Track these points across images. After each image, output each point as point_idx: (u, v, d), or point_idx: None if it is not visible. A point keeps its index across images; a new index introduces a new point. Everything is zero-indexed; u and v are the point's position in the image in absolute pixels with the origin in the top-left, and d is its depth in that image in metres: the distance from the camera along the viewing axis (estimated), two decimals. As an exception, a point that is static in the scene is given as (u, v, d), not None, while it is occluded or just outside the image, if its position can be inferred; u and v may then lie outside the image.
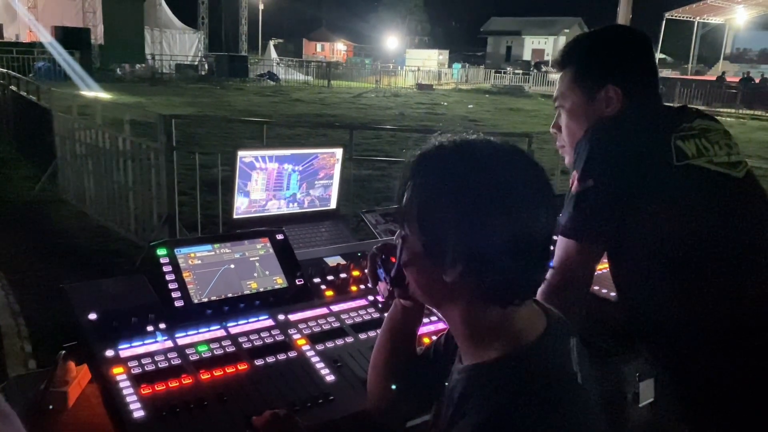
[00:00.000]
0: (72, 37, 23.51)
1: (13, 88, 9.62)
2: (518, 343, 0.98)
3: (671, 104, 1.69)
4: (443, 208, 0.95)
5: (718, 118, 1.68)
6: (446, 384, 1.08)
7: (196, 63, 31.64)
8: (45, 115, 7.28)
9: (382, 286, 1.19)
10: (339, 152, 2.40)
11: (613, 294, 1.77)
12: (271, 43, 40.43)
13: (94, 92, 17.57)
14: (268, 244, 1.77)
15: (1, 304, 4.29)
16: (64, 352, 1.35)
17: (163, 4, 31.16)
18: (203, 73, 30.20)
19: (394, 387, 1.26)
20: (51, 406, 1.30)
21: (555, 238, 1.47)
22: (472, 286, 0.96)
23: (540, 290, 1.35)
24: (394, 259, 1.11)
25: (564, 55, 1.65)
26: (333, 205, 2.44)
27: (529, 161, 0.99)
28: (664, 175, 1.43)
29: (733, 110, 24.02)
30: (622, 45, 1.62)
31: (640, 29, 1.69)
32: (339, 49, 57.80)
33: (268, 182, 2.23)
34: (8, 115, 9.86)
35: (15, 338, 3.86)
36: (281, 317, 1.62)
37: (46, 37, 23.39)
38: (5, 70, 10.92)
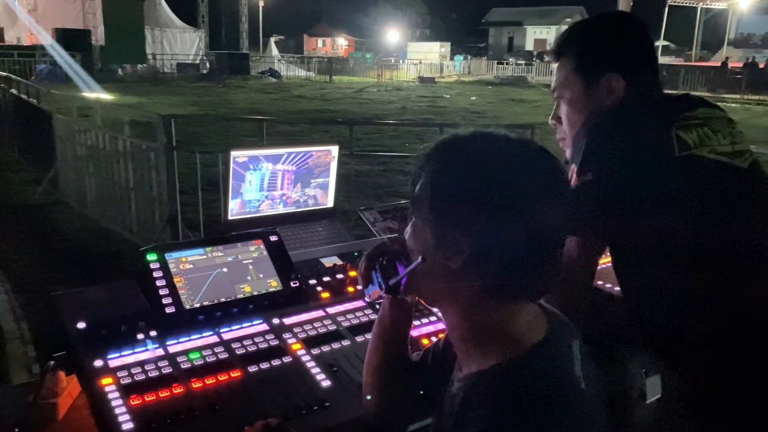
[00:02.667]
0: (73, 39, 23.61)
1: (14, 91, 9.60)
2: (519, 349, 0.94)
3: (673, 92, 1.65)
4: (456, 194, 0.93)
5: (723, 104, 1.64)
6: (445, 390, 1.05)
7: (197, 62, 31.63)
8: (45, 117, 7.26)
9: (374, 292, 1.15)
10: (335, 150, 2.35)
11: (617, 289, 1.73)
12: (272, 39, 40.48)
13: (96, 93, 17.61)
14: (262, 246, 1.73)
15: (3, 308, 4.28)
16: (52, 362, 1.32)
17: (163, 3, 31.16)
18: (205, 71, 30.17)
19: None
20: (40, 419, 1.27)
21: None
22: (476, 278, 0.93)
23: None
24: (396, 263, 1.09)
25: (561, 44, 1.60)
26: (330, 203, 2.40)
27: (546, 155, 0.96)
28: (665, 166, 1.38)
29: (737, 96, 23.85)
30: (621, 31, 1.57)
31: (638, 15, 1.65)
32: (340, 44, 57.71)
33: (262, 182, 2.19)
34: (9, 119, 9.85)
35: (18, 343, 3.85)
36: (276, 321, 1.58)
37: (47, 40, 23.46)
38: (6, 74, 10.89)
